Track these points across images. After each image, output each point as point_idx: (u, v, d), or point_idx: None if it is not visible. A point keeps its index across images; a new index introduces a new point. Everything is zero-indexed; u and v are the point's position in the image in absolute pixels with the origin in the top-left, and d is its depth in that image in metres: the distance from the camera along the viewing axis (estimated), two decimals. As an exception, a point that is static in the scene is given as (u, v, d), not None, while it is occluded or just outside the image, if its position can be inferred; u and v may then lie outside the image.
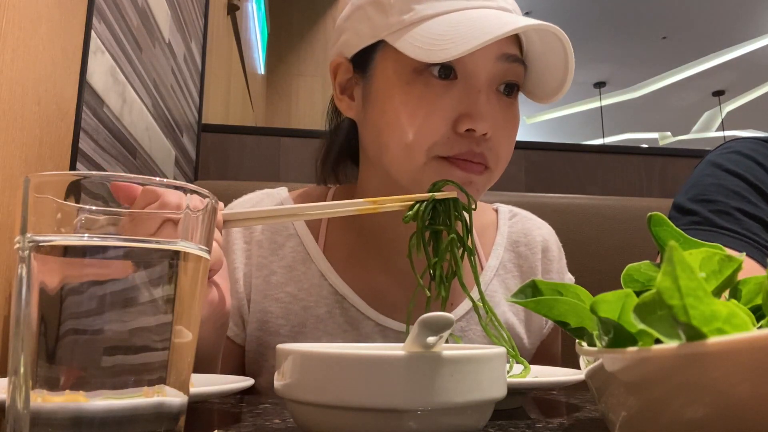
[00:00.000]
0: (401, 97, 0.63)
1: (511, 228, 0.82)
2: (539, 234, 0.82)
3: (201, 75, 1.70)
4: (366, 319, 0.69)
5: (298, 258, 0.72)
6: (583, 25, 5.27)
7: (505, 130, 0.66)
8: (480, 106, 0.62)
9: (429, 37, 0.59)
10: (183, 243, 0.29)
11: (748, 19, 5.37)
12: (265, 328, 0.70)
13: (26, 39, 0.65)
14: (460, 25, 0.59)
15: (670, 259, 0.21)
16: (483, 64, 0.63)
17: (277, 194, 0.78)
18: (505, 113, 0.66)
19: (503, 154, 0.66)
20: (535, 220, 0.85)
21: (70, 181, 0.28)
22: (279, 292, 0.71)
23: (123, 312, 0.27)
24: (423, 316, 0.29)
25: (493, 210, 0.85)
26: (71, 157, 0.79)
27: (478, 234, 0.80)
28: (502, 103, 0.66)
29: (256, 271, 0.72)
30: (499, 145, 0.65)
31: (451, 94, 0.62)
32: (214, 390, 0.41)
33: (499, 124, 0.64)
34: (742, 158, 0.83)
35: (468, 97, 0.62)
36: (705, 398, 0.21)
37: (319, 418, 0.31)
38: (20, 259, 0.27)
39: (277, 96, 3.85)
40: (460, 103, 0.62)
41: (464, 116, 0.62)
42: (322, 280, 0.71)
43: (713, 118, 7.16)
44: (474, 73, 0.63)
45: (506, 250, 0.80)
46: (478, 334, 0.72)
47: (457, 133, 0.62)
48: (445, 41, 0.58)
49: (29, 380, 0.26)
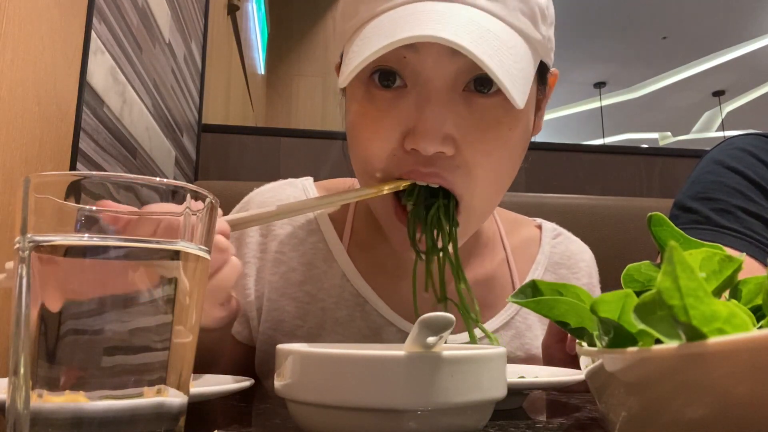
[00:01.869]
0: (354, 114, 0.57)
1: (554, 248, 0.76)
2: (582, 259, 0.77)
3: (201, 75, 1.70)
4: (389, 325, 0.66)
5: (319, 255, 0.68)
6: (583, 25, 5.28)
7: (480, 142, 0.53)
8: (427, 119, 0.51)
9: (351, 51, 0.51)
10: (183, 243, 0.29)
11: (748, 19, 5.37)
12: (279, 328, 0.66)
13: (26, 39, 0.65)
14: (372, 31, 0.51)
15: (670, 259, 0.21)
16: (432, 65, 0.52)
17: (300, 183, 0.74)
18: (481, 119, 0.53)
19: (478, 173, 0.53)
20: (578, 243, 0.80)
21: (70, 181, 0.28)
22: (297, 291, 0.67)
23: (123, 312, 0.27)
24: (423, 316, 0.29)
25: (535, 226, 0.79)
26: (71, 157, 0.79)
27: (514, 249, 0.75)
28: (475, 107, 0.53)
29: (273, 266, 0.68)
30: (469, 162, 0.53)
31: (399, 107, 0.53)
32: (214, 390, 0.41)
33: (469, 134, 0.52)
34: (744, 155, 0.83)
35: (416, 109, 0.52)
36: (705, 398, 0.21)
37: (319, 419, 0.31)
38: (20, 260, 0.27)
39: (277, 96, 3.85)
40: (407, 118, 0.53)
41: (409, 133, 0.52)
42: (344, 281, 0.67)
43: (713, 118, 7.16)
44: (423, 77, 0.52)
45: (546, 270, 0.74)
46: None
47: (405, 151, 0.53)
48: (354, 56, 0.49)
49: (29, 380, 0.26)
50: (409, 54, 0.52)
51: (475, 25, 0.49)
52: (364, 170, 0.57)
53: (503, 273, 0.72)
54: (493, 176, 0.55)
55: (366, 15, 0.53)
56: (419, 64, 0.52)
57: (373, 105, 0.55)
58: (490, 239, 0.73)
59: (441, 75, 0.52)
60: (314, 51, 3.84)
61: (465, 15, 0.49)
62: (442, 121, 0.51)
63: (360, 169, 0.59)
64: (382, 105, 0.54)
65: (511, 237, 0.76)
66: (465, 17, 0.49)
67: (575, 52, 5.75)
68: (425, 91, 0.52)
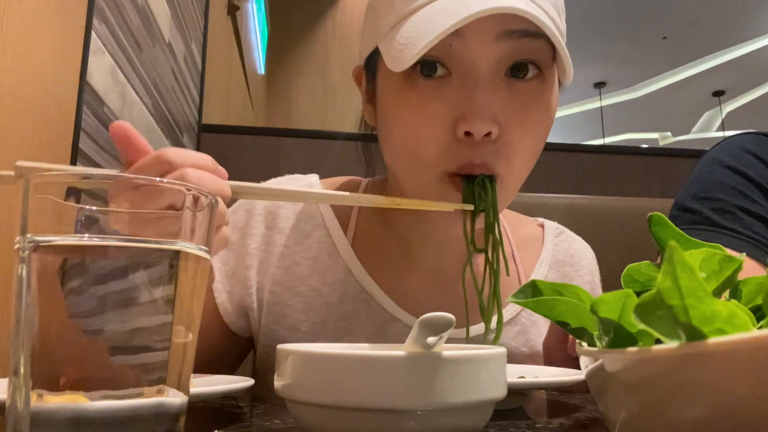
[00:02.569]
0: (395, 107, 0.57)
1: (557, 246, 0.77)
2: (584, 257, 0.78)
3: (201, 75, 1.70)
4: (394, 320, 0.65)
5: (324, 250, 0.68)
6: (583, 25, 5.28)
7: (521, 124, 0.55)
8: (476, 102, 0.52)
9: (400, 40, 0.52)
10: (183, 243, 0.29)
11: (748, 19, 5.37)
12: (282, 323, 0.66)
13: (26, 39, 0.65)
14: (425, 19, 0.51)
15: (670, 260, 0.21)
16: (478, 50, 0.53)
17: (306, 179, 0.73)
18: (521, 101, 0.55)
19: (517, 154, 0.55)
20: (580, 242, 0.81)
21: (70, 181, 0.28)
22: (301, 285, 0.67)
23: (123, 312, 0.27)
24: (423, 316, 0.29)
25: (537, 225, 0.80)
26: (71, 157, 0.79)
27: (519, 248, 0.75)
28: (515, 90, 0.55)
29: (278, 260, 0.67)
30: (511, 143, 0.55)
31: (445, 94, 0.54)
32: (214, 390, 0.41)
33: (512, 117, 0.54)
34: (744, 154, 0.83)
35: (463, 95, 0.53)
36: (705, 398, 0.21)
37: (319, 419, 0.31)
38: (20, 260, 0.27)
39: (277, 96, 3.85)
40: (456, 104, 0.54)
41: (460, 118, 0.53)
42: (348, 275, 0.67)
43: (713, 118, 7.16)
44: (468, 63, 0.54)
45: (551, 268, 0.75)
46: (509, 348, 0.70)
47: (459, 140, 0.54)
48: (407, 42, 0.51)
49: (29, 380, 0.26)
50: (455, 41, 0.53)
51: (527, 3, 0.50)
52: (413, 163, 0.56)
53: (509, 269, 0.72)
54: (529, 155, 0.57)
55: (404, 10, 0.54)
56: (465, 51, 0.53)
57: (418, 94, 0.55)
58: None
59: (486, 60, 0.54)
60: (314, 51, 3.85)
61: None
62: (491, 103, 0.53)
63: (407, 162, 0.57)
64: (427, 93, 0.54)
65: (515, 234, 0.76)
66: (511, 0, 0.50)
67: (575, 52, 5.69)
68: (472, 76, 0.54)
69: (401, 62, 0.51)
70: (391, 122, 0.58)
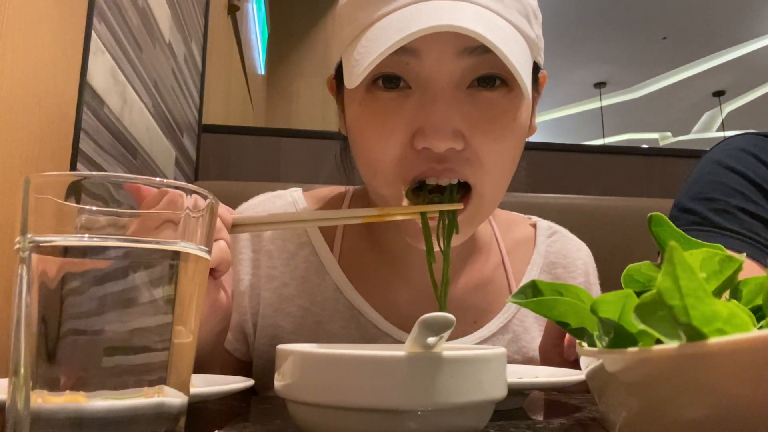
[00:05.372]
0: (356, 118, 0.56)
1: (550, 247, 0.75)
2: (579, 257, 0.76)
3: (201, 75, 1.70)
4: (384, 335, 0.65)
5: (311, 269, 0.67)
6: (583, 25, 5.28)
7: (487, 133, 0.53)
8: (434, 116, 0.51)
9: (355, 55, 0.51)
10: (183, 243, 0.29)
11: (748, 19, 5.37)
12: (274, 343, 0.65)
13: (26, 39, 0.65)
14: (377, 34, 0.50)
15: (670, 260, 0.21)
16: (436, 67, 0.52)
17: (289, 195, 0.73)
18: (486, 111, 0.54)
19: (488, 162, 0.54)
20: (575, 241, 0.78)
21: (71, 181, 0.28)
22: (291, 306, 0.66)
23: (123, 312, 0.27)
24: (423, 317, 0.29)
25: (530, 225, 0.78)
26: (71, 157, 0.79)
27: (510, 250, 0.74)
28: (479, 100, 0.54)
29: (266, 282, 0.67)
30: (479, 153, 0.53)
31: (404, 107, 0.53)
32: (215, 390, 0.41)
33: (477, 127, 0.53)
34: (744, 154, 0.83)
35: (421, 109, 0.52)
36: (705, 399, 0.21)
37: (319, 419, 0.31)
38: (20, 260, 0.27)
39: (277, 96, 3.85)
40: (414, 117, 0.53)
41: (418, 132, 0.52)
42: (337, 293, 0.66)
43: (713, 118, 7.16)
44: (426, 79, 0.53)
45: (542, 271, 0.73)
46: None
47: (416, 152, 0.53)
48: (360, 57, 0.49)
49: (29, 381, 0.26)
50: (412, 60, 0.52)
51: (484, 18, 0.49)
52: (374, 175, 0.56)
53: (499, 276, 0.72)
54: (501, 164, 0.56)
55: (365, 21, 0.53)
56: (422, 69, 0.52)
57: (378, 105, 0.54)
58: (485, 243, 0.73)
59: (446, 75, 0.52)
60: (314, 51, 3.84)
61: (470, 10, 0.50)
62: (449, 118, 0.52)
63: (369, 174, 0.57)
64: (386, 105, 0.54)
65: (506, 238, 0.75)
66: (471, 12, 0.50)
67: (575, 52, 5.75)
68: (430, 90, 0.53)
69: (351, 79, 0.50)
70: (355, 133, 0.57)
